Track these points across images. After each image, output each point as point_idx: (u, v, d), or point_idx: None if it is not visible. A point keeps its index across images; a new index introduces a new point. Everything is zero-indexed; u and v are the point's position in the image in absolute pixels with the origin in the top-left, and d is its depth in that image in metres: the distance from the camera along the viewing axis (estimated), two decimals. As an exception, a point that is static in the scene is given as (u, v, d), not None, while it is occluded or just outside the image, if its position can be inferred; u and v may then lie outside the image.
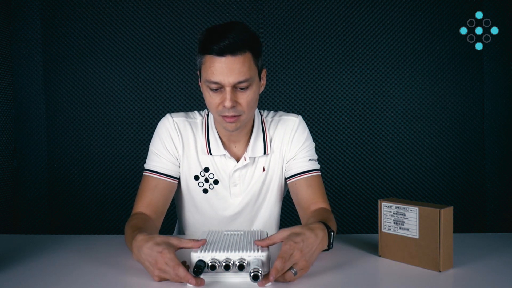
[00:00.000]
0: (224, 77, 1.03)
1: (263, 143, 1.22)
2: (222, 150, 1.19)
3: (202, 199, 1.23)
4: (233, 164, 1.20)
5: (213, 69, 1.03)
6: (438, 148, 2.22)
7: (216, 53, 1.02)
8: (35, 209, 2.26)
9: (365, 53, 2.21)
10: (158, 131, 1.21)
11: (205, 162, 1.21)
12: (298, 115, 1.28)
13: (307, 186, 1.21)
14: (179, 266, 0.81)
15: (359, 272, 0.93)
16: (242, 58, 1.03)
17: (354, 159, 2.24)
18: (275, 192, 1.26)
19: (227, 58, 1.02)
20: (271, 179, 1.25)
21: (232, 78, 1.03)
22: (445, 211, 0.91)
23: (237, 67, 1.03)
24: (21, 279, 0.89)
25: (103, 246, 1.12)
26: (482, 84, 2.20)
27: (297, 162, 1.22)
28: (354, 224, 2.24)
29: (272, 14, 2.22)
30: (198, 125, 1.22)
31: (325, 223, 0.96)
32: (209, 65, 1.04)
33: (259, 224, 1.28)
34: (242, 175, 1.22)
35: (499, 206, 2.23)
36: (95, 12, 2.20)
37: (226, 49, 1.01)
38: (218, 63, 1.03)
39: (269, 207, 1.27)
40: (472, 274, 0.90)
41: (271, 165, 1.24)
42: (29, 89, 2.23)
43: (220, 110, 1.07)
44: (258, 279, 0.81)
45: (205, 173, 1.21)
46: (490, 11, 2.13)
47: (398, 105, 2.22)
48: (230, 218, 1.26)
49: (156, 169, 1.18)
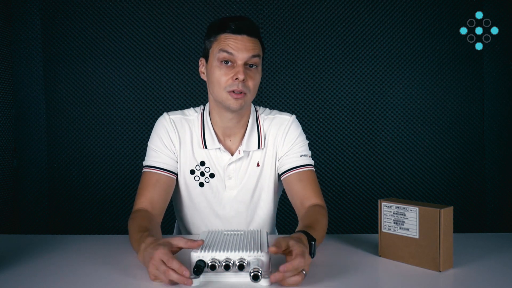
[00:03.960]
0: (239, 52, 1.10)
1: (257, 138, 1.25)
2: (217, 143, 1.22)
3: (199, 193, 1.25)
4: (227, 157, 1.23)
5: (228, 42, 1.10)
6: (438, 148, 2.22)
7: (233, 31, 1.10)
8: (35, 209, 2.26)
9: (365, 53, 2.21)
10: (156, 128, 1.25)
11: (201, 156, 1.24)
12: (292, 114, 1.30)
13: (299, 180, 1.22)
14: (172, 259, 0.82)
15: (359, 272, 0.93)
16: (255, 40, 1.13)
17: (354, 159, 2.24)
18: (271, 188, 1.28)
19: (243, 37, 1.11)
20: (266, 175, 1.26)
21: (246, 54, 1.11)
22: (445, 211, 0.91)
23: (251, 45, 1.11)
24: (21, 279, 0.89)
25: (103, 246, 1.12)
26: (482, 84, 2.20)
27: (289, 158, 1.24)
28: (354, 224, 2.24)
29: (272, 14, 2.22)
30: (194, 120, 1.26)
31: (307, 232, 0.97)
32: (224, 40, 1.11)
33: (257, 222, 1.28)
34: (236, 168, 1.24)
35: (499, 206, 2.23)
36: (95, 12, 2.20)
37: (243, 28, 1.11)
38: (234, 39, 1.11)
39: (266, 205, 1.28)
40: (472, 274, 0.90)
41: (265, 160, 1.26)
42: (29, 89, 2.23)
43: (229, 85, 1.12)
44: (258, 279, 0.81)
45: (201, 166, 1.24)
46: (490, 11, 2.13)
47: (398, 105, 2.22)
48: (227, 215, 1.26)
49: (156, 164, 1.21)
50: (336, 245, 1.12)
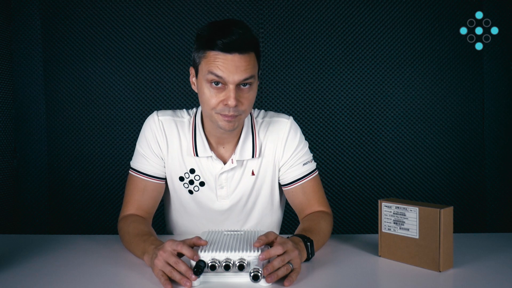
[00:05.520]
0: (229, 74, 0.99)
1: (252, 146, 1.18)
2: (209, 151, 1.15)
3: (189, 199, 1.21)
4: (219, 166, 1.17)
5: (218, 64, 0.99)
6: (438, 148, 2.22)
7: (223, 50, 0.98)
8: (35, 209, 2.26)
9: (365, 53, 2.21)
10: (144, 130, 1.19)
11: (191, 163, 1.18)
12: (289, 116, 1.23)
13: (303, 193, 1.20)
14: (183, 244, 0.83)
15: (359, 272, 0.93)
16: (248, 57, 1.01)
17: (354, 159, 2.24)
18: (267, 197, 1.23)
19: (234, 56, 0.98)
20: (261, 184, 1.22)
21: (238, 76, 0.99)
22: (445, 211, 0.91)
23: (243, 65, 1.00)
24: (21, 279, 0.89)
25: (103, 246, 1.12)
26: (482, 84, 2.20)
27: (292, 169, 1.19)
28: (354, 224, 2.24)
29: (272, 14, 2.22)
30: (185, 124, 1.18)
31: (302, 235, 0.98)
32: (213, 60, 1.00)
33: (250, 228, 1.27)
34: (229, 177, 1.19)
35: (499, 206, 2.23)
36: (95, 12, 2.20)
37: (233, 46, 0.98)
38: (223, 59, 0.99)
39: (259, 212, 1.24)
40: (472, 274, 0.90)
41: (261, 169, 1.20)
42: (29, 89, 2.23)
43: (220, 109, 1.03)
44: (258, 279, 0.81)
45: (191, 174, 1.18)
46: (490, 11, 2.13)
47: (398, 105, 2.22)
48: (218, 220, 1.24)
49: (142, 170, 1.17)
50: (336, 245, 1.12)
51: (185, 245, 0.83)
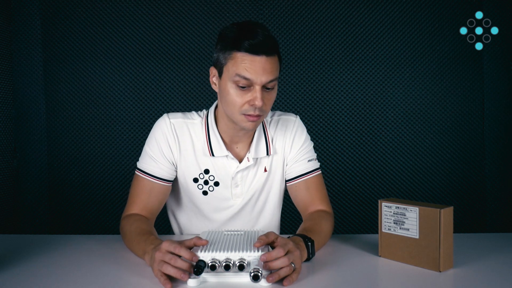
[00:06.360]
0: (257, 76, 1.01)
1: (266, 144, 1.21)
2: (225, 151, 1.17)
3: (202, 201, 1.22)
4: (235, 165, 1.19)
5: (246, 66, 1.01)
6: (438, 148, 2.22)
7: (250, 51, 1.00)
8: (35, 209, 2.26)
9: (365, 53, 2.21)
10: (154, 132, 1.18)
11: (205, 163, 1.19)
12: (296, 115, 1.29)
13: (306, 188, 1.21)
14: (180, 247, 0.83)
15: (359, 272, 0.93)
16: (273, 59, 1.04)
17: (354, 159, 2.24)
18: (277, 193, 1.26)
19: (262, 58, 1.01)
20: (273, 180, 1.24)
21: (265, 78, 1.02)
22: (445, 211, 0.91)
23: (269, 67, 1.02)
24: (21, 279, 0.89)
25: (103, 246, 1.12)
26: (482, 84, 2.20)
27: (297, 164, 1.22)
28: (354, 224, 2.24)
29: (272, 14, 2.22)
30: (197, 125, 1.19)
31: (303, 235, 0.98)
32: (241, 61, 1.01)
33: (262, 226, 1.27)
34: (244, 176, 1.21)
35: (499, 206, 2.23)
36: (95, 12, 2.20)
37: (260, 47, 1.00)
38: (251, 61, 1.01)
39: (271, 209, 1.26)
40: (472, 274, 0.90)
41: (273, 165, 1.23)
42: (29, 89, 2.23)
43: (245, 109, 1.05)
44: (258, 279, 0.81)
45: (205, 175, 1.19)
46: (490, 11, 2.13)
47: (398, 105, 2.22)
48: (230, 220, 1.25)
49: (150, 172, 1.17)
50: (336, 245, 1.12)
51: (182, 247, 0.84)
